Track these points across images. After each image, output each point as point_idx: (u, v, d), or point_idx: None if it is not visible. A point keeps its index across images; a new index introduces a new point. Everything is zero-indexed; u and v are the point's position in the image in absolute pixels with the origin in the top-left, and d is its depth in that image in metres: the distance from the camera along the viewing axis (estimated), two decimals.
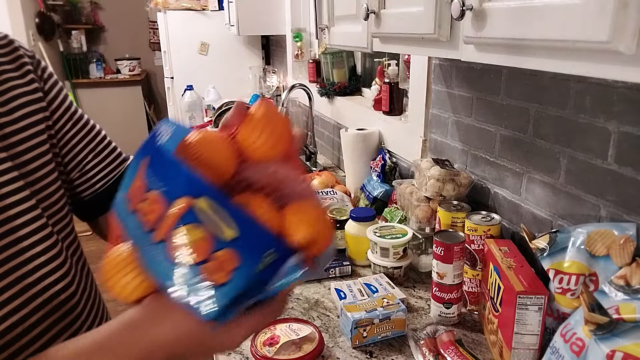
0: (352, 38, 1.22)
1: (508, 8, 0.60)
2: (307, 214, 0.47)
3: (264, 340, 0.93)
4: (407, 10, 0.88)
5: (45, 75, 0.66)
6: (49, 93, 0.65)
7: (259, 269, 0.41)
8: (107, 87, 5.07)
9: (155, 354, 0.45)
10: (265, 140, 0.48)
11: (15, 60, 0.62)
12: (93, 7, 5.20)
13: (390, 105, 1.72)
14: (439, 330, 0.94)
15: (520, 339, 0.82)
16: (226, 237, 0.40)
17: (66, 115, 0.68)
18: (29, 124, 0.61)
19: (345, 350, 0.95)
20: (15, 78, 0.61)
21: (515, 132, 1.08)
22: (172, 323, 0.44)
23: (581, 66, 0.51)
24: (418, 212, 1.25)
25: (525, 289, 0.80)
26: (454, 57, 0.78)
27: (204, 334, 0.44)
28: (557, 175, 0.97)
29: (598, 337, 0.61)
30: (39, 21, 4.42)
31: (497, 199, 1.17)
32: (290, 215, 0.46)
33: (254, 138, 0.48)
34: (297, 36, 2.68)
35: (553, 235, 0.82)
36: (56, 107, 0.66)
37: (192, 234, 0.41)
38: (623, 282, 0.67)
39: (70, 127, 0.68)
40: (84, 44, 5.13)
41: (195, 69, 3.49)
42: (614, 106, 0.82)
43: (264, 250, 0.41)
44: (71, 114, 0.68)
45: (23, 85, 0.62)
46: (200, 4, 3.45)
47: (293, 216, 0.46)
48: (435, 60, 1.39)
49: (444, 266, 0.98)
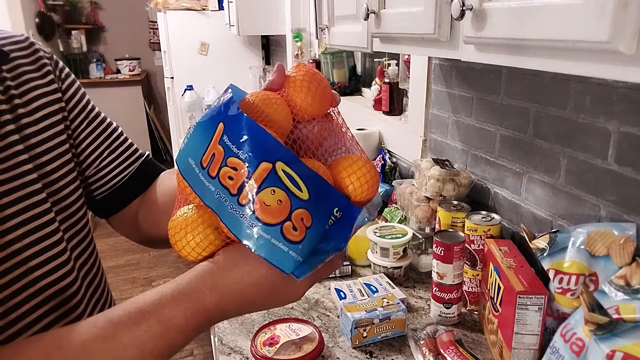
0: (352, 38, 1.22)
1: (508, 8, 0.60)
2: (356, 167, 0.50)
3: (264, 340, 0.93)
4: (407, 10, 0.88)
5: (63, 75, 0.67)
6: (67, 92, 0.67)
7: (328, 226, 0.46)
8: (107, 87, 5.07)
9: (228, 298, 0.47)
10: (311, 100, 0.51)
11: (36, 62, 0.64)
12: (93, 7, 5.20)
13: (390, 105, 1.72)
14: (439, 330, 0.94)
15: (520, 339, 0.82)
16: (302, 198, 0.45)
17: (83, 113, 0.69)
18: (49, 125, 0.62)
19: (345, 350, 0.95)
20: (37, 79, 0.63)
21: (515, 132, 1.08)
22: (249, 267, 0.47)
23: (581, 66, 0.51)
24: (418, 212, 1.25)
25: (525, 289, 0.80)
26: (454, 57, 0.78)
27: (277, 282, 0.47)
28: (557, 175, 0.97)
29: (598, 337, 0.61)
30: (39, 21, 4.42)
31: (497, 199, 1.17)
32: (342, 170, 0.50)
33: (301, 99, 0.51)
34: (297, 36, 2.68)
35: (553, 235, 0.82)
36: (73, 105, 0.67)
37: (274, 197, 0.44)
38: (623, 282, 0.67)
39: (87, 125, 0.69)
40: (84, 44, 5.12)
41: (195, 69, 3.49)
42: (614, 106, 0.82)
43: (332, 209, 0.46)
44: (88, 112, 0.70)
45: (44, 85, 0.63)
46: (200, 4, 3.45)
47: (344, 171, 0.50)
48: (435, 60, 1.39)
49: (444, 266, 0.98)
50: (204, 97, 3.41)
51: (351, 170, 0.50)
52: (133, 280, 3.08)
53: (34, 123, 0.60)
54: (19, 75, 0.61)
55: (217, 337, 1.00)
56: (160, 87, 5.56)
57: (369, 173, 0.50)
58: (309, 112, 0.52)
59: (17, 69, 0.61)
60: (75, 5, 5.08)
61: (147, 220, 0.73)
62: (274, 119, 0.48)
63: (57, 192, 0.62)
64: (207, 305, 0.47)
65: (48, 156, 0.61)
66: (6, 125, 0.57)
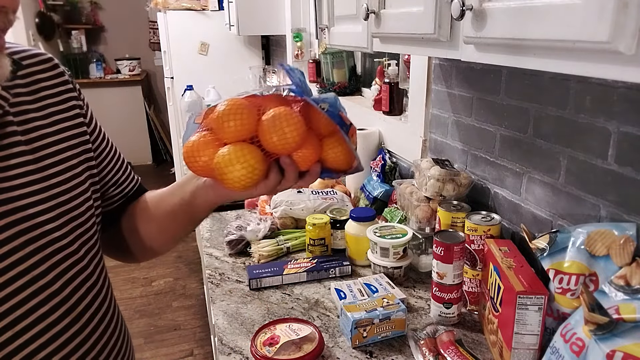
0: (352, 38, 1.22)
1: (508, 8, 0.60)
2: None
3: (264, 340, 0.93)
4: (407, 10, 0.88)
5: (81, 96, 0.71)
6: (88, 112, 0.71)
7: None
8: (107, 87, 5.07)
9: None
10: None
11: (57, 77, 0.67)
12: (93, 7, 5.20)
13: (390, 105, 1.72)
14: (439, 330, 0.94)
15: (520, 339, 0.82)
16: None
17: (99, 133, 0.73)
18: (66, 141, 0.65)
19: (345, 350, 0.95)
20: (54, 95, 0.66)
21: (515, 132, 1.08)
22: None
23: (581, 66, 0.51)
24: (418, 212, 1.25)
25: (525, 289, 0.80)
26: (454, 57, 0.78)
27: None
28: (557, 175, 0.97)
29: (598, 337, 0.61)
30: (39, 21, 4.42)
31: (497, 199, 1.17)
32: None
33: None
34: (297, 36, 2.68)
35: (553, 235, 0.82)
36: (93, 127, 0.71)
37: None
38: (623, 282, 0.67)
39: (100, 143, 0.72)
40: (84, 44, 5.13)
41: (195, 69, 3.49)
42: (614, 106, 0.82)
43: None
44: (100, 131, 0.74)
45: (60, 102, 0.66)
46: (200, 4, 3.45)
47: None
48: (435, 60, 1.39)
49: (444, 266, 0.98)
50: (204, 97, 3.40)
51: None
52: (133, 280, 3.08)
53: (50, 134, 0.63)
54: (37, 91, 0.63)
55: (217, 337, 1.00)
56: (160, 87, 5.56)
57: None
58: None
59: (36, 84, 0.63)
60: (75, 5, 5.08)
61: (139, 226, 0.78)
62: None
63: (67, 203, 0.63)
64: None
65: (66, 184, 0.63)
66: (13, 136, 0.58)
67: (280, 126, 0.61)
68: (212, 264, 1.31)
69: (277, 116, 0.61)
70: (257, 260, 1.30)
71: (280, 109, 0.63)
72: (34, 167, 0.58)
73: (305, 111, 0.66)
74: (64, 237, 0.60)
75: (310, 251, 1.32)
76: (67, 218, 0.61)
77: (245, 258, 1.34)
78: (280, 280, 1.19)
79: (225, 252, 1.37)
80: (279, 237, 1.38)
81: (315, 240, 1.30)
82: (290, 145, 0.62)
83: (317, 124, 0.66)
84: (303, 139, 0.63)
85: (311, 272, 1.21)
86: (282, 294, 1.16)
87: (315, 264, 1.23)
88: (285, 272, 1.20)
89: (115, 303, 0.72)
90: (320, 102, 0.63)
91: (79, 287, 0.62)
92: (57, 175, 0.61)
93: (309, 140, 0.64)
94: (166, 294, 2.95)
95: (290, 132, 0.61)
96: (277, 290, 1.17)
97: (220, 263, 1.32)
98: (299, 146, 0.63)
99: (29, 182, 0.57)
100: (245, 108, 0.62)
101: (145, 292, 2.98)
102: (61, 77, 0.67)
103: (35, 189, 0.58)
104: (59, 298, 0.59)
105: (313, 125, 0.66)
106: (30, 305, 0.56)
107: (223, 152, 0.61)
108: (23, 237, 0.56)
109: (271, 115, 0.62)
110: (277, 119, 0.61)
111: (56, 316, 0.59)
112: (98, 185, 0.70)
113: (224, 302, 1.12)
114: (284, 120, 0.61)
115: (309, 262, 1.24)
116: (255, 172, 0.61)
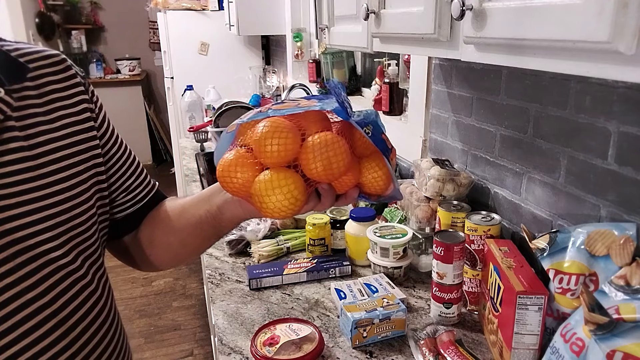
0: (352, 38, 1.22)
1: (508, 8, 0.60)
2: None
3: (264, 340, 0.93)
4: (407, 10, 0.88)
5: (95, 98, 0.68)
6: (99, 115, 0.68)
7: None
8: (107, 87, 5.07)
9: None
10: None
11: (68, 79, 0.64)
12: (93, 7, 5.20)
13: (390, 105, 1.72)
14: (439, 330, 0.94)
15: (520, 339, 0.82)
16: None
17: (110, 136, 0.69)
18: (74, 144, 0.62)
19: (345, 350, 0.95)
20: (65, 98, 0.63)
21: (515, 132, 1.08)
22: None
23: (581, 66, 0.51)
24: (418, 212, 1.25)
25: (525, 289, 0.80)
26: (454, 57, 0.78)
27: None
28: (557, 175, 0.97)
29: (598, 337, 0.61)
30: (39, 21, 4.42)
31: (497, 199, 1.17)
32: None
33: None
34: (297, 36, 2.68)
35: (553, 235, 0.82)
36: (105, 129, 0.68)
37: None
38: (623, 282, 0.67)
39: (111, 147, 0.69)
40: (84, 44, 5.13)
41: (195, 69, 3.48)
42: (614, 106, 0.82)
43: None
44: (112, 134, 0.70)
45: (71, 105, 0.63)
46: (200, 4, 3.45)
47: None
48: (435, 60, 1.39)
49: (444, 266, 0.98)
50: (204, 97, 3.40)
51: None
52: (133, 280, 3.08)
53: (58, 139, 0.60)
54: (46, 94, 0.60)
55: (217, 337, 1.00)
56: (160, 87, 5.56)
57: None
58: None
59: (46, 86, 0.61)
60: (75, 5, 5.08)
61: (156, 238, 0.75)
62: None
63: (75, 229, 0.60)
64: None
65: (72, 197, 0.60)
66: (14, 141, 0.55)
67: (327, 155, 0.57)
68: (212, 264, 1.31)
69: (324, 144, 0.58)
70: (257, 260, 1.30)
71: (327, 135, 0.59)
72: (34, 173, 0.56)
73: (346, 131, 0.62)
74: (65, 256, 0.57)
75: (310, 251, 1.32)
76: (65, 227, 0.58)
77: (245, 258, 1.34)
78: (280, 280, 1.19)
79: (225, 252, 1.37)
80: (279, 237, 1.38)
81: (315, 240, 1.30)
82: (334, 175, 0.59)
83: (358, 146, 0.63)
84: (348, 168, 0.60)
85: (311, 272, 1.21)
86: (282, 294, 1.16)
87: (315, 264, 1.23)
88: (285, 272, 1.20)
89: (116, 311, 0.70)
90: (364, 126, 0.60)
91: (82, 305, 0.59)
92: (60, 183, 0.58)
93: (351, 166, 0.61)
94: (166, 294, 2.95)
95: (337, 162, 0.58)
96: (277, 290, 1.17)
97: (220, 263, 1.32)
98: (343, 175, 0.60)
99: (27, 189, 0.55)
100: (289, 131, 0.58)
101: (145, 292, 2.98)
102: (73, 79, 0.64)
103: (34, 196, 0.55)
104: (58, 318, 0.56)
105: (354, 147, 0.63)
106: (27, 327, 0.53)
107: (265, 179, 0.58)
108: (20, 256, 0.53)
109: (317, 141, 0.58)
110: (324, 146, 0.58)
111: (54, 337, 0.56)
112: (106, 191, 0.67)
113: (224, 302, 1.12)
114: (330, 148, 0.57)
115: (309, 262, 1.24)
116: (297, 203, 0.58)
